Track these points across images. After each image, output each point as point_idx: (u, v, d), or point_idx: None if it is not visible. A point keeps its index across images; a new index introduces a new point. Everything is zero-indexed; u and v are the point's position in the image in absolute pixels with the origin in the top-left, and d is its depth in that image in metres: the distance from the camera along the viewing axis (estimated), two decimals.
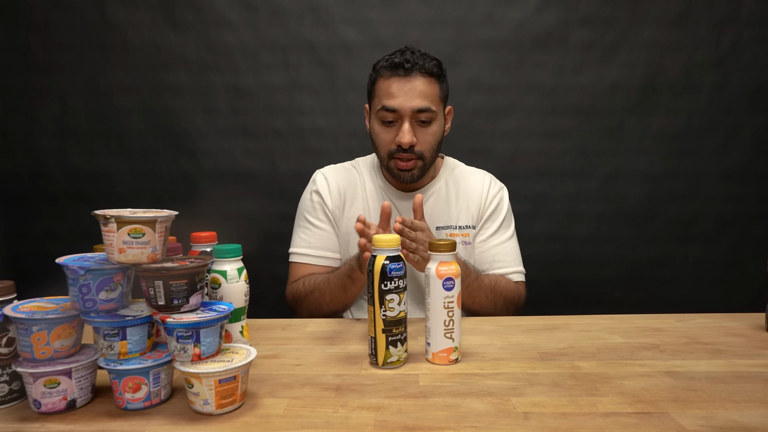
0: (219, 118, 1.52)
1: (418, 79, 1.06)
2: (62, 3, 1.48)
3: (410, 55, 1.07)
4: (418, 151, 1.09)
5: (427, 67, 1.07)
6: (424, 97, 1.06)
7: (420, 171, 1.12)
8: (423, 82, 1.06)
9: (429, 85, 1.07)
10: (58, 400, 0.65)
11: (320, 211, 1.19)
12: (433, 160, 1.14)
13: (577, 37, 1.49)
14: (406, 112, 1.06)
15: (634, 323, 1.01)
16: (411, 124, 1.07)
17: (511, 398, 0.68)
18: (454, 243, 0.80)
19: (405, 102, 1.06)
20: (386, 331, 0.77)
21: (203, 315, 0.66)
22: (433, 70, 1.08)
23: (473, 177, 1.23)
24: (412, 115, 1.06)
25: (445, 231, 1.17)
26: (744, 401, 0.67)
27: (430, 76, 1.07)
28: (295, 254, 1.19)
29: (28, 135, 1.52)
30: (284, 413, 0.65)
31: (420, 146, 1.09)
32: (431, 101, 1.07)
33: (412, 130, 1.07)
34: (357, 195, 1.20)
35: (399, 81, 1.06)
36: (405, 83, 1.06)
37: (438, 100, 1.10)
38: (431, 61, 1.08)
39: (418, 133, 1.08)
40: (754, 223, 1.53)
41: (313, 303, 1.11)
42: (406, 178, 1.12)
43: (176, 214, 0.70)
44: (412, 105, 1.06)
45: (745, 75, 1.49)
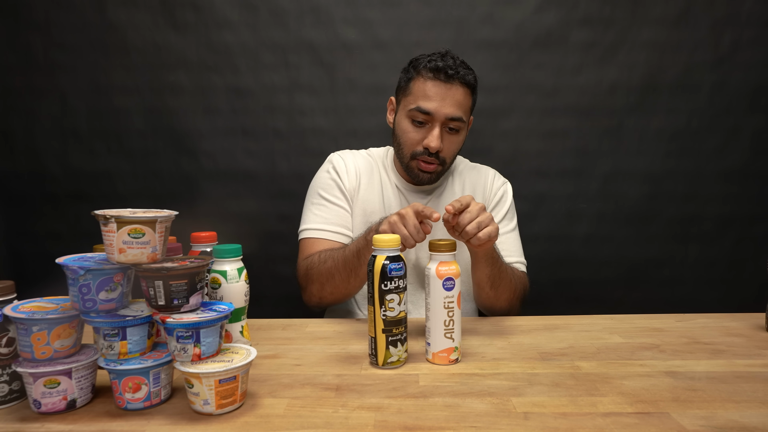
0: (219, 118, 1.52)
1: (457, 88, 1.07)
2: (62, 3, 1.48)
3: (452, 62, 1.08)
4: (442, 157, 1.11)
5: (467, 78, 1.08)
6: (459, 106, 1.08)
7: (438, 176, 1.15)
8: (461, 92, 1.08)
9: (465, 96, 1.09)
10: (58, 400, 0.65)
11: (336, 188, 1.18)
12: (450, 166, 1.16)
13: (577, 38, 1.49)
14: (440, 118, 1.07)
15: (634, 323, 1.01)
16: (441, 129, 1.08)
17: (511, 398, 0.68)
18: (454, 243, 0.80)
19: (441, 108, 1.06)
20: (386, 331, 0.78)
21: (203, 315, 0.66)
22: (471, 81, 1.09)
23: (478, 171, 1.26)
24: (444, 121, 1.08)
25: None
26: (744, 401, 0.67)
27: (467, 87, 1.09)
28: (309, 230, 1.15)
29: (28, 135, 1.52)
30: (284, 413, 0.65)
31: (444, 152, 1.11)
32: (464, 111, 1.09)
33: (441, 136, 1.08)
34: (373, 180, 1.20)
35: (439, 86, 1.07)
36: (445, 89, 1.07)
37: (468, 111, 1.12)
38: (471, 73, 1.10)
39: (444, 140, 1.09)
40: (754, 223, 1.53)
41: (326, 273, 1.06)
42: (424, 179, 1.14)
43: (176, 214, 0.70)
44: (447, 112, 1.07)
45: (745, 75, 1.49)
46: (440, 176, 1.16)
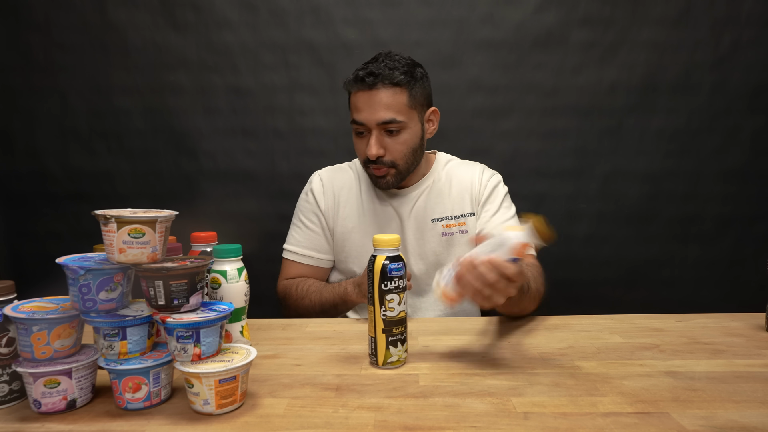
0: (219, 118, 1.52)
1: (382, 91, 1.06)
2: (62, 3, 1.48)
3: (375, 67, 1.07)
4: (388, 161, 1.10)
5: (391, 78, 1.06)
6: (388, 108, 1.06)
7: (395, 178, 1.13)
8: (387, 94, 1.06)
9: (394, 96, 1.07)
10: (58, 400, 0.65)
11: (311, 212, 1.22)
12: (410, 166, 1.14)
13: (577, 38, 1.49)
14: (372, 125, 1.08)
15: (634, 323, 1.01)
16: (379, 135, 1.08)
17: (511, 398, 0.68)
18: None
19: (370, 115, 1.07)
20: (386, 331, 0.78)
21: (203, 315, 0.66)
22: (398, 79, 1.06)
23: (466, 168, 1.24)
24: (378, 127, 1.08)
25: (441, 222, 1.18)
26: (744, 401, 0.67)
27: (395, 86, 1.07)
28: (286, 251, 1.24)
29: (28, 135, 1.52)
30: (284, 413, 0.65)
31: (390, 155, 1.10)
32: (397, 112, 1.07)
33: (380, 142, 1.08)
34: (352, 195, 1.21)
35: (364, 95, 1.07)
36: (369, 97, 1.07)
37: (406, 108, 1.08)
38: (398, 70, 1.07)
39: (387, 144, 1.09)
40: (754, 223, 1.53)
41: (302, 309, 1.13)
42: (381, 184, 1.14)
43: (176, 214, 0.70)
44: (377, 118, 1.06)
45: (744, 75, 1.49)
46: (401, 177, 1.13)
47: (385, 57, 1.09)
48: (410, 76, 1.08)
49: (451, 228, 1.18)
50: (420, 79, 1.11)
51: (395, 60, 1.08)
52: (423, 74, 1.12)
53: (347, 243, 1.19)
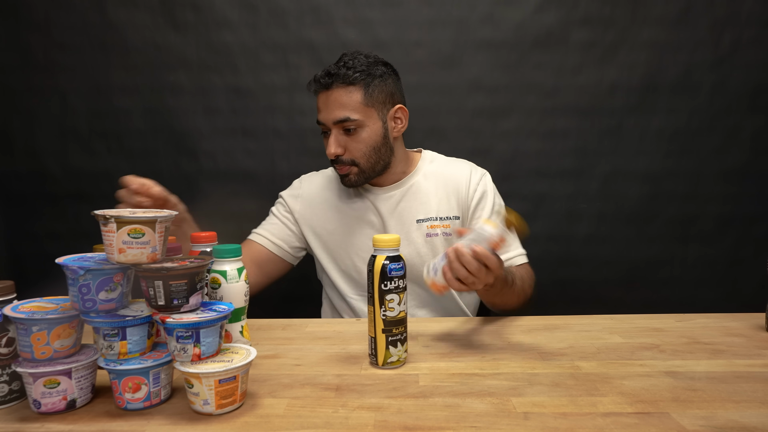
0: (219, 118, 1.52)
1: (336, 90, 1.09)
2: (62, 3, 1.48)
3: (333, 67, 1.09)
4: (348, 159, 1.11)
5: (345, 78, 1.08)
6: (342, 107, 1.08)
7: (358, 177, 1.13)
8: (342, 93, 1.08)
9: (348, 95, 1.08)
10: (58, 400, 0.65)
11: (284, 209, 1.25)
12: (375, 164, 1.13)
13: (577, 37, 1.49)
14: (330, 125, 1.10)
15: (634, 323, 1.01)
16: (337, 135, 1.10)
17: (511, 398, 0.68)
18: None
19: (327, 115, 1.10)
20: (386, 331, 0.78)
21: (203, 315, 0.66)
22: (352, 77, 1.08)
23: (453, 167, 1.22)
24: (335, 126, 1.10)
25: (426, 223, 1.17)
26: (744, 401, 0.67)
27: (350, 85, 1.08)
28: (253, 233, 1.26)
29: (28, 135, 1.52)
30: (284, 413, 0.65)
31: (349, 154, 1.11)
32: (351, 110, 1.08)
33: (338, 141, 1.10)
34: (331, 197, 1.23)
35: (323, 95, 1.11)
36: (327, 97, 1.10)
37: (361, 106, 1.09)
38: (354, 69, 1.08)
39: (346, 143, 1.11)
40: (754, 223, 1.53)
41: None
42: (345, 182, 1.15)
43: (176, 214, 0.70)
44: (332, 117, 1.09)
45: (745, 75, 1.49)
46: (366, 177, 1.14)
47: (348, 57, 1.11)
48: (366, 74, 1.09)
49: (435, 229, 1.17)
50: (380, 77, 1.11)
51: (356, 59, 1.10)
52: (385, 72, 1.12)
53: (332, 243, 1.21)
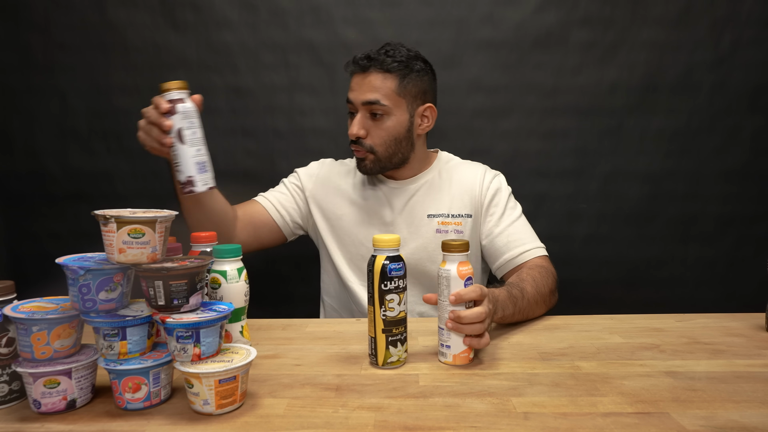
0: (219, 118, 1.52)
1: (373, 74, 1.11)
2: (62, 3, 1.47)
3: (374, 53, 1.12)
4: (368, 144, 1.13)
5: (384, 64, 1.10)
6: (375, 90, 1.11)
7: (373, 164, 1.15)
8: (378, 78, 1.11)
9: (383, 80, 1.11)
10: (58, 400, 0.65)
11: (297, 183, 1.26)
12: (391, 155, 1.15)
13: (577, 37, 1.49)
14: (358, 105, 1.12)
15: (634, 323, 1.01)
16: (363, 116, 1.12)
17: (511, 398, 0.68)
18: (467, 242, 0.80)
19: (357, 95, 1.12)
20: (386, 331, 0.78)
21: (203, 315, 0.66)
22: (390, 66, 1.11)
23: (467, 168, 1.25)
24: (363, 107, 1.12)
25: (437, 219, 1.18)
26: (744, 401, 0.67)
27: (386, 72, 1.11)
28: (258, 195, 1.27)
29: (28, 135, 1.52)
30: (284, 413, 0.65)
31: (370, 140, 1.13)
32: (383, 95, 1.10)
33: (363, 123, 1.12)
34: (345, 184, 1.24)
35: (358, 77, 1.13)
36: (362, 78, 1.12)
37: (393, 95, 1.12)
38: (394, 58, 1.11)
39: (370, 127, 1.13)
40: (754, 223, 1.53)
41: None
42: (360, 168, 1.17)
43: (176, 214, 0.70)
44: (362, 98, 1.11)
45: (745, 75, 1.49)
46: (380, 167, 1.15)
47: (390, 47, 1.13)
48: (404, 66, 1.12)
49: (446, 226, 1.18)
50: (417, 72, 1.13)
51: (398, 50, 1.12)
52: (423, 69, 1.15)
53: (340, 230, 1.21)
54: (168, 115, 0.85)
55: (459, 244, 0.79)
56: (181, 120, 0.84)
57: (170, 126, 0.84)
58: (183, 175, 0.85)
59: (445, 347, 0.80)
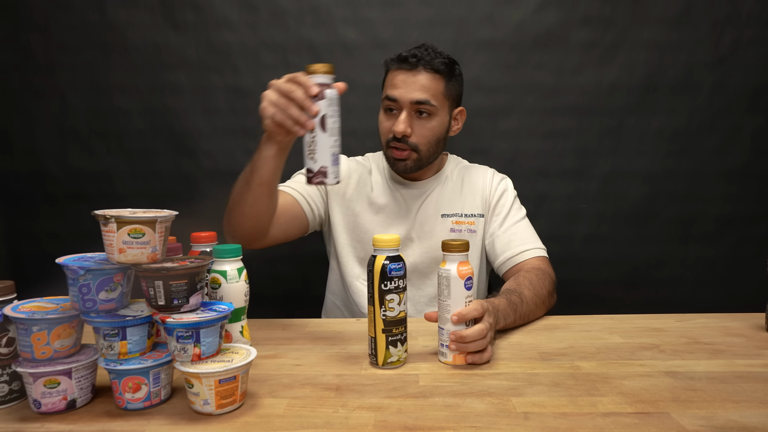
0: (219, 118, 1.52)
1: (421, 73, 1.10)
2: (62, 3, 1.47)
3: (419, 51, 1.10)
4: (413, 143, 1.12)
5: (433, 64, 1.10)
6: (424, 90, 1.09)
7: (414, 163, 1.14)
8: (426, 77, 1.10)
9: (432, 81, 1.10)
10: (58, 400, 0.65)
11: None
12: (431, 155, 1.16)
13: (577, 37, 1.49)
14: (405, 103, 1.10)
15: (634, 323, 1.01)
16: (409, 115, 1.10)
17: (511, 398, 0.68)
18: (467, 242, 0.80)
19: (405, 93, 1.09)
20: (386, 331, 0.78)
21: (203, 315, 0.66)
22: (439, 67, 1.11)
23: (477, 170, 1.27)
24: (410, 106, 1.10)
25: (451, 218, 1.20)
26: (744, 401, 0.67)
27: (435, 73, 1.10)
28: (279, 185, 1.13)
29: (28, 135, 1.52)
30: (284, 413, 0.65)
31: (415, 138, 1.11)
32: (431, 95, 1.10)
33: (409, 122, 1.10)
34: (361, 182, 1.23)
35: (404, 74, 1.11)
36: (409, 76, 1.10)
37: (441, 96, 1.12)
38: (440, 59, 1.11)
39: (415, 126, 1.11)
40: (754, 223, 1.53)
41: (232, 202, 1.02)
42: (399, 167, 1.15)
43: (176, 214, 0.70)
44: (412, 97, 1.09)
45: (745, 75, 1.49)
46: (419, 165, 1.15)
47: (429, 47, 1.12)
48: (449, 68, 1.13)
49: (460, 225, 1.20)
50: (456, 76, 1.15)
51: (438, 51, 1.12)
52: (460, 73, 1.17)
53: (356, 227, 1.20)
54: (314, 99, 0.80)
55: (459, 244, 0.79)
56: (326, 106, 0.80)
57: (317, 111, 0.80)
58: (316, 164, 0.80)
59: (445, 347, 0.80)
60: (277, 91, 0.83)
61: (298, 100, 0.80)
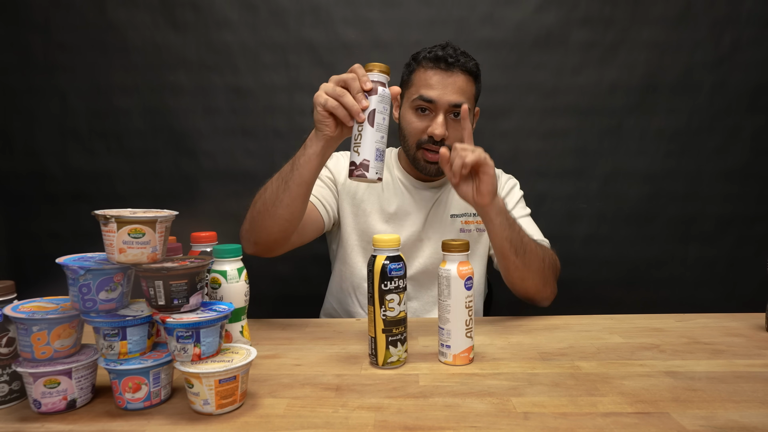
0: (219, 118, 1.52)
1: (458, 75, 1.09)
2: (62, 3, 1.48)
3: (453, 51, 1.09)
4: (448, 146, 1.09)
5: (467, 66, 1.09)
6: (462, 93, 1.09)
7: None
8: (463, 79, 1.09)
9: (467, 83, 1.10)
10: (58, 400, 0.65)
11: (329, 175, 1.20)
12: None
13: (577, 37, 1.49)
14: (443, 105, 1.08)
15: (634, 323, 1.01)
16: (445, 117, 1.09)
17: (511, 398, 0.68)
18: (467, 242, 0.80)
19: (443, 95, 1.07)
20: (386, 331, 0.78)
21: (203, 315, 0.66)
22: (473, 69, 1.11)
23: None
24: (447, 108, 1.08)
25: (461, 218, 1.20)
26: (744, 401, 0.67)
27: (469, 75, 1.10)
28: None
29: (28, 135, 1.52)
30: (284, 413, 0.65)
31: (450, 141, 1.10)
32: (467, 98, 1.10)
33: (445, 123, 1.09)
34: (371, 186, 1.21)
35: (440, 74, 1.08)
36: (446, 77, 1.08)
37: (472, 98, 1.13)
38: (471, 61, 1.11)
39: (450, 128, 1.10)
40: (754, 223, 1.53)
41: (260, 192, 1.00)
42: (431, 170, 1.14)
43: (176, 214, 0.70)
44: (450, 99, 1.07)
45: (745, 75, 1.49)
46: None
47: (455, 47, 1.11)
48: (478, 70, 1.13)
49: (469, 225, 1.20)
50: (480, 77, 1.15)
51: (464, 51, 1.11)
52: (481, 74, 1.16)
53: (367, 227, 1.19)
54: (367, 94, 0.83)
55: (459, 244, 0.79)
56: (377, 102, 0.82)
57: (367, 105, 0.82)
58: (359, 157, 0.82)
59: (445, 347, 0.80)
60: (335, 80, 0.86)
61: (354, 90, 0.82)
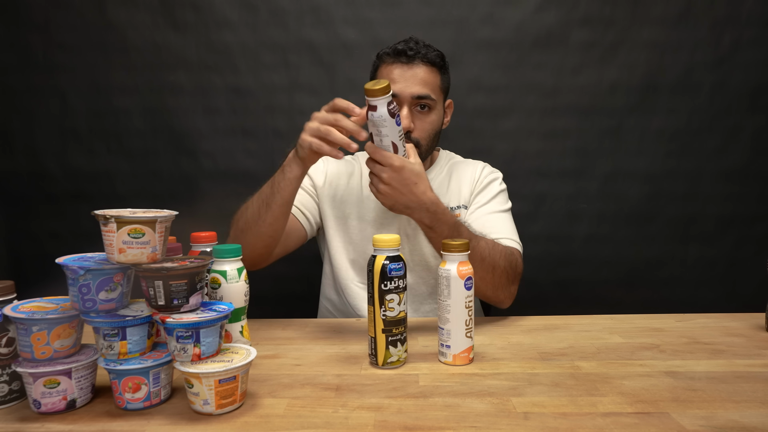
0: (219, 118, 1.52)
1: (419, 66, 1.08)
2: (62, 3, 1.48)
3: (413, 44, 1.09)
4: (415, 138, 1.10)
5: (429, 57, 1.09)
6: (424, 84, 1.08)
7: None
8: (424, 71, 1.09)
9: (430, 74, 1.09)
10: (58, 400, 0.65)
11: (309, 181, 1.21)
12: (429, 150, 1.15)
13: (577, 37, 1.49)
14: (406, 98, 1.08)
15: (634, 323, 1.01)
16: (410, 110, 1.09)
17: (511, 398, 0.68)
18: (467, 242, 0.80)
19: (405, 88, 1.07)
20: (386, 331, 0.78)
21: (203, 315, 0.66)
22: (435, 60, 1.10)
23: (467, 164, 1.25)
24: (411, 101, 1.08)
25: None
26: (744, 401, 0.67)
27: (431, 66, 1.10)
28: None
29: (28, 135, 1.52)
30: (284, 413, 0.65)
31: (417, 133, 1.10)
32: (431, 89, 1.09)
33: (411, 116, 1.09)
34: (351, 182, 1.22)
35: (401, 67, 1.08)
36: (407, 70, 1.08)
37: (438, 90, 1.12)
38: (434, 52, 1.10)
39: (416, 120, 1.10)
40: (754, 223, 1.53)
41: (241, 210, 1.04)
42: None
43: (176, 214, 0.70)
44: (412, 91, 1.07)
45: (745, 75, 1.49)
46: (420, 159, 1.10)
47: (417, 40, 1.11)
48: (442, 60, 1.12)
49: None
50: (447, 69, 1.15)
51: (427, 44, 1.11)
52: (448, 65, 1.16)
53: (349, 228, 1.19)
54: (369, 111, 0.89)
55: (459, 244, 0.79)
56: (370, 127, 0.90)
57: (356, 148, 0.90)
58: None
59: (445, 347, 0.80)
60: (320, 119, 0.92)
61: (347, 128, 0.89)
